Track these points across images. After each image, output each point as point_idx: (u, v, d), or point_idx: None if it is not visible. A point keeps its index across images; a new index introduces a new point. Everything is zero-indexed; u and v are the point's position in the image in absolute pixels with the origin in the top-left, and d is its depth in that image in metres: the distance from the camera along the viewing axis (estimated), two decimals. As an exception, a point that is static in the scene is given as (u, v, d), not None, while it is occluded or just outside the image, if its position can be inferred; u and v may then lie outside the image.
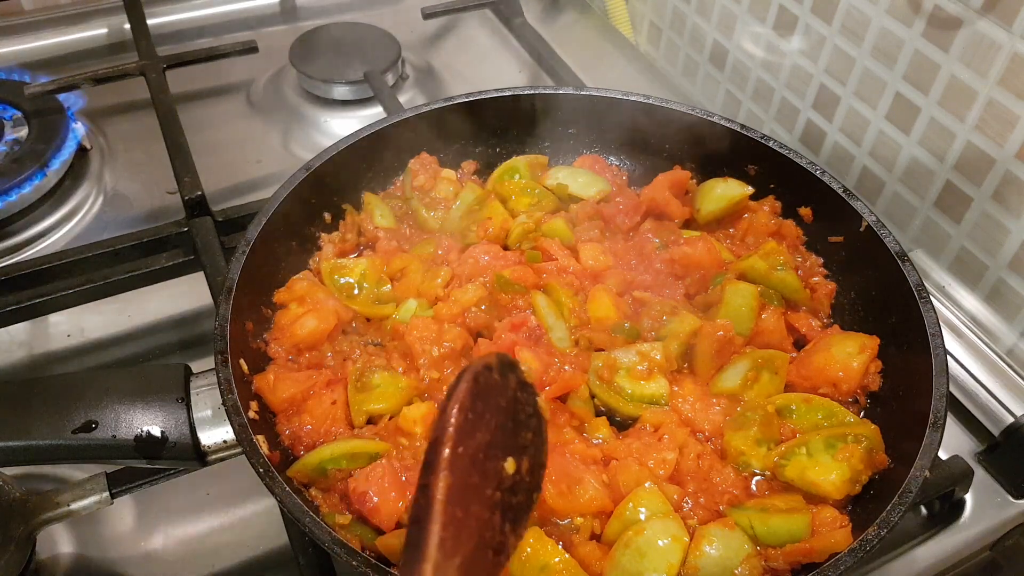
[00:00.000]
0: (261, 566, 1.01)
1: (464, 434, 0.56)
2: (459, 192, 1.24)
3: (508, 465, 0.60)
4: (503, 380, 0.62)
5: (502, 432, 0.60)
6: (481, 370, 0.60)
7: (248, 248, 1.02)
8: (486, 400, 0.59)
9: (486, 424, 0.58)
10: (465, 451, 0.55)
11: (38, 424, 0.86)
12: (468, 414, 0.57)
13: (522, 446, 0.62)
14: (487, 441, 0.58)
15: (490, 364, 0.61)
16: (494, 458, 0.58)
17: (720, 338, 1.01)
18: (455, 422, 0.55)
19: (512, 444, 0.61)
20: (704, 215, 1.20)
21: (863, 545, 0.80)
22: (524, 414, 0.64)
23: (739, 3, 1.55)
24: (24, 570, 0.94)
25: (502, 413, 0.60)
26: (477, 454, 0.57)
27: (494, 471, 0.58)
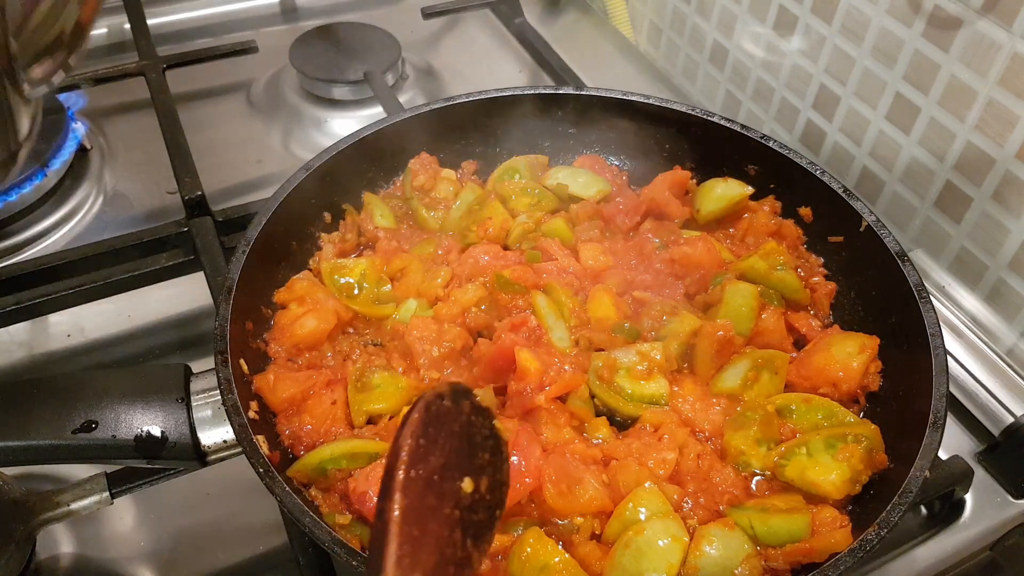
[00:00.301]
0: (261, 566, 1.01)
1: (417, 458, 0.60)
2: (459, 192, 1.24)
3: (465, 485, 0.64)
4: (456, 406, 0.66)
5: (457, 455, 0.64)
6: (433, 399, 0.64)
7: (248, 248, 1.02)
8: (439, 426, 0.63)
9: (440, 448, 0.62)
10: (419, 474, 0.59)
11: (38, 424, 0.86)
12: (420, 440, 0.61)
13: (479, 466, 0.66)
14: (442, 464, 0.62)
15: (442, 392, 0.65)
16: (450, 479, 0.62)
17: (720, 338, 1.01)
18: (407, 447, 0.60)
19: (468, 465, 0.65)
20: (704, 215, 1.20)
21: (863, 545, 0.80)
22: (480, 436, 0.68)
23: (739, 3, 1.55)
24: (24, 570, 0.94)
25: (456, 437, 0.64)
26: (432, 476, 0.60)
27: (451, 491, 0.62)
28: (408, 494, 0.58)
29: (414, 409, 0.62)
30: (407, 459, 0.59)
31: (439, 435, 0.63)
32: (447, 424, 0.64)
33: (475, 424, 0.67)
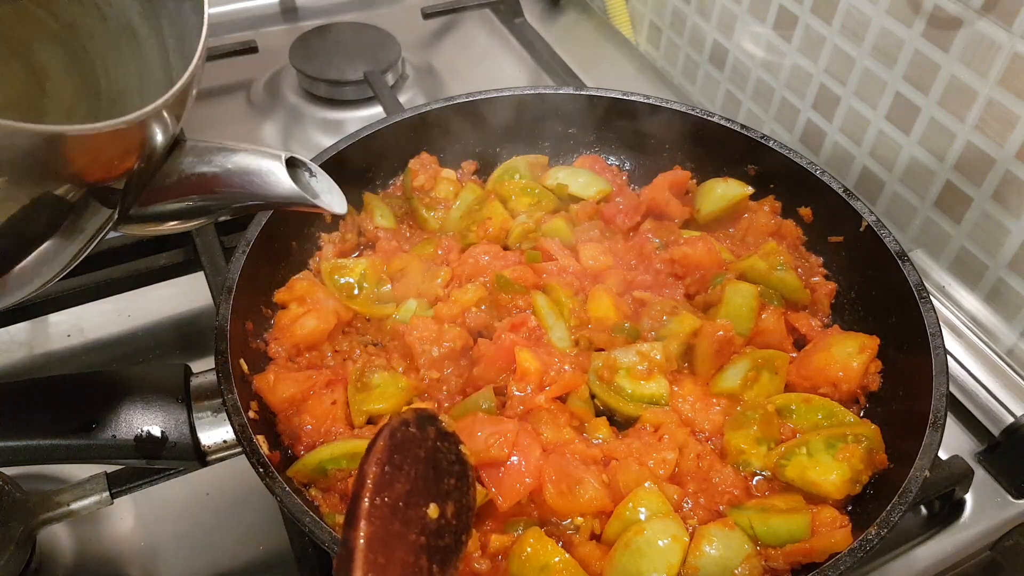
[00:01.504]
0: (261, 566, 1.01)
1: (382, 486, 0.61)
2: (459, 192, 1.24)
3: (431, 511, 0.65)
4: (421, 432, 0.67)
5: (423, 481, 0.65)
6: (398, 426, 0.65)
7: (248, 248, 1.02)
8: (404, 453, 0.64)
9: (405, 475, 0.63)
10: (384, 501, 0.60)
11: (38, 424, 0.86)
12: (385, 467, 0.62)
13: (446, 492, 0.67)
14: (407, 490, 0.63)
15: (407, 420, 0.66)
16: (416, 505, 0.63)
17: (720, 338, 1.01)
18: (372, 475, 0.60)
19: (435, 491, 0.66)
20: (704, 215, 1.20)
21: (863, 545, 0.80)
22: (446, 462, 0.69)
23: (739, 3, 1.55)
24: (24, 570, 0.94)
25: (421, 463, 0.65)
26: (397, 503, 0.61)
27: (417, 517, 0.63)
28: (373, 522, 0.59)
29: (379, 437, 0.63)
30: (372, 487, 0.60)
31: (404, 462, 0.64)
32: (412, 450, 0.65)
33: (441, 449, 0.68)
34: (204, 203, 0.73)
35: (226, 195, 0.73)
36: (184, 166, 0.71)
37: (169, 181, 0.71)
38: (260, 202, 0.74)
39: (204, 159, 0.72)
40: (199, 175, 0.71)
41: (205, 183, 0.72)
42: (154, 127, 0.62)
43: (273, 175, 0.73)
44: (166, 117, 0.63)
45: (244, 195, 0.73)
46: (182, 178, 0.71)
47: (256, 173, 0.72)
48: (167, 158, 0.69)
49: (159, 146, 0.65)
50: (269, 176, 0.73)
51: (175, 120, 0.65)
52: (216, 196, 0.73)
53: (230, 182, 0.72)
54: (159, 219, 0.74)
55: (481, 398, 0.96)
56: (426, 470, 0.66)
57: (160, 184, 0.70)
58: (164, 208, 0.73)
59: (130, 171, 0.64)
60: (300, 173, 0.76)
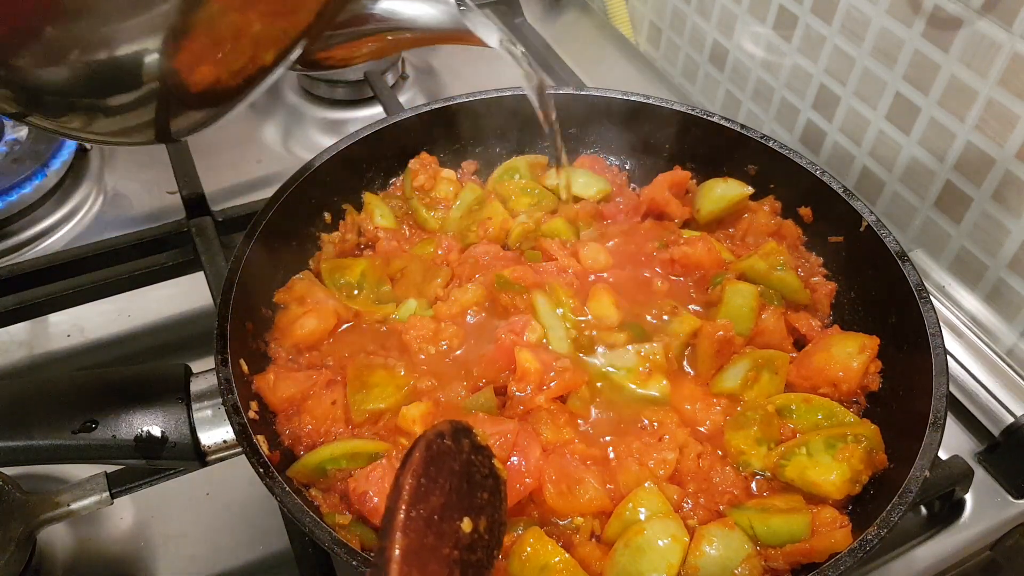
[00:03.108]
0: (261, 566, 1.01)
1: (418, 498, 0.60)
2: (459, 192, 1.24)
3: (465, 525, 0.64)
4: (456, 445, 0.66)
5: (457, 494, 0.64)
6: (434, 438, 0.64)
7: (248, 248, 1.02)
8: (439, 465, 0.64)
9: (440, 487, 0.63)
10: (419, 514, 0.60)
11: (38, 424, 0.86)
12: (421, 479, 0.61)
13: (479, 506, 0.67)
14: (442, 503, 0.62)
15: (443, 431, 0.66)
16: (450, 519, 0.63)
17: (720, 338, 1.01)
18: (408, 488, 0.60)
19: (468, 504, 0.65)
20: (704, 215, 1.20)
21: (863, 545, 0.80)
22: (480, 475, 0.68)
23: (739, 3, 1.55)
24: (24, 570, 0.94)
25: (456, 476, 0.65)
26: (432, 516, 0.61)
27: (451, 531, 0.62)
28: (408, 534, 0.58)
29: (415, 448, 0.63)
30: (408, 498, 0.60)
31: (440, 474, 0.63)
32: (448, 463, 0.65)
33: (475, 463, 0.68)
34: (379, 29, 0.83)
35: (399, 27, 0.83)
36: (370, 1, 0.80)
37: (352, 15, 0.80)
38: (425, 32, 0.85)
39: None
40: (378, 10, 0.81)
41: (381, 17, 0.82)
42: None
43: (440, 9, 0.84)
44: None
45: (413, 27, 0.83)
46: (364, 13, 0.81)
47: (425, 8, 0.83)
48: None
49: None
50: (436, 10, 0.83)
51: None
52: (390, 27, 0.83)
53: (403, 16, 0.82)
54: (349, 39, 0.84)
55: (481, 398, 0.96)
56: (460, 483, 0.65)
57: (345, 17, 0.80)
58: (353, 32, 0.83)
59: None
60: (463, 10, 0.85)
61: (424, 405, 0.95)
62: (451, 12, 0.84)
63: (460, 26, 0.85)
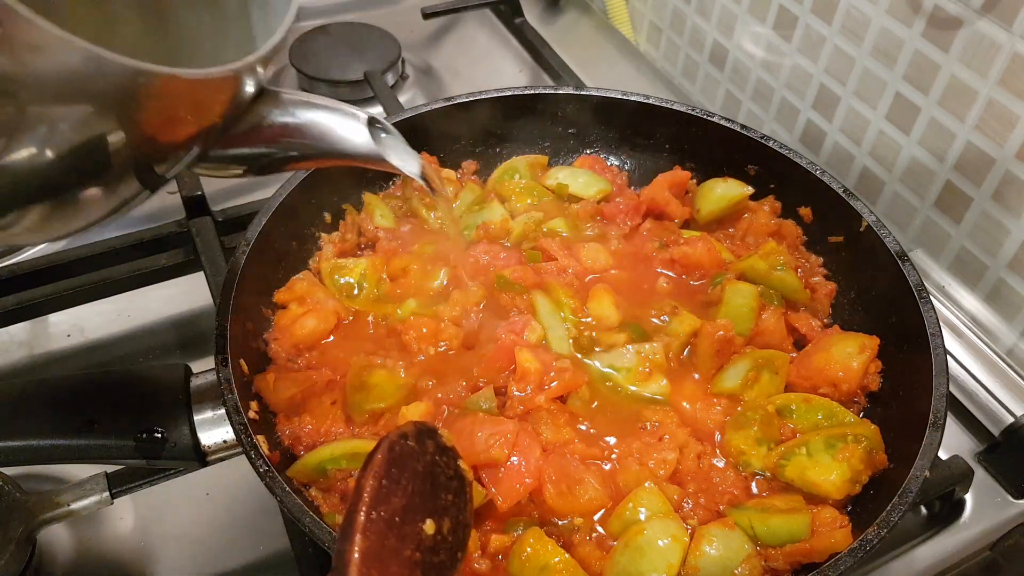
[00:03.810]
0: (261, 566, 1.01)
1: (378, 500, 0.60)
2: (459, 192, 1.24)
3: (427, 527, 0.64)
4: (420, 446, 0.66)
5: (420, 496, 0.64)
6: (396, 439, 0.64)
7: (248, 248, 1.02)
8: (401, 467, 0.63)
9: (402, 489, 0.62)
10: (380, 516, 0.59)
11: (38, 424, 0.86)
12: (383, 481, 0.61)
13: (442, 507, 0.66)
14: (403, 505, 0.62)
15: (406, 432, 0.65)
16: (412, 521, 0.62)
17: (720, 338, 1.01)
18: (369, 489, 0.60)
19: (431, 506, 0.65)
20: (704, 215, 1.20)
21: (863, 545, 0.80)
22: (444, 476, 0.68)
23: (739, 3, 1.55)
24: (24, 570, 0.94)
25: (419, 478, 0.65)
26: (393, 517, 0.60)
27: (413, 533, 0.62)
28: (368, 536, 0.58)
29: (377, 450, 0.62)
30: (368, 501, 0.59)
31: (402, 476, 0.63)
32: (411, 464, 0.64)
33: (439, 464, 0.68)
34: (280, 152, 0.75)
35: (303, 146, 0.75)
36: (267, 114, 0.72)
37: (250, 127, 0.72)
38: (336, 156, 0.76)
39: (288, 110, 0.73)
40: (281, 125, 0.73)
41: (286, 132, 0.74)
42: (249, 76, 0.64)
43: (353, 132, 0.75)
44: (260, 67, 0.65)
45: (321, 149, 0.75)
46: (264, 125, 0.73)
47: (336, 129, 0.74)
48: (251, 105, 0.71)
49: (250, 94, 0.66)
50: (348, 133, 0.75)
51: (264, 69, 0.67)
52: (294, 146, 0.75)
53: (310, 134, 0.74)
54: (235, 162, 0.75)
55: (481, 398, 0.96)
56: (423, 485, 0.65)
57: (242, 129, 0.72)
58: (242, 152, 0.74)
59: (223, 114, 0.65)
60: (377, 133, 0.78)
61: (424, 405, 0.95)
62: (363, 135, 0.76)
63: (373, 152, 0.77)
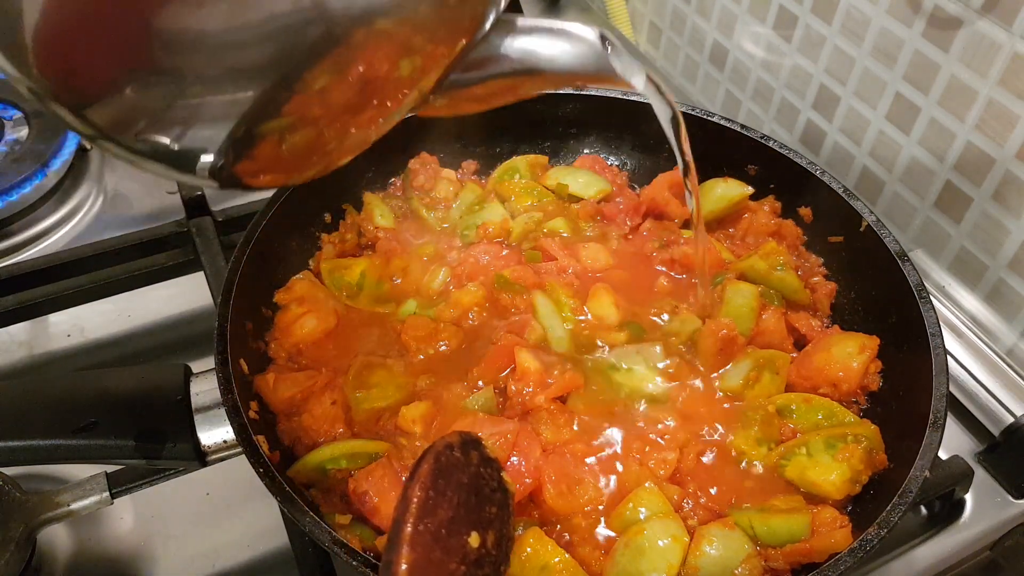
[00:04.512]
0: (261, 566, 1.01)
1: (425, 511, 0.59)
2: (459, 192, 1.24)
3: (472, 539, 0.63)
4: (465, 458, 0.65)
5: (465, 508, 0.63)
6: (443, 449, 0.63)
7: (248, 248, 1.02)
8: (448, 478, 0.62)
9: (448, 501, 0.61)
10: (427, 528, 0.59)
11: (38, 424, 0.86)
12: (430, 492, 0.60)
13: (487, 520, 0.65)
14: (449, 517, 0.61)
15: (452, 443, 0.65)
16: (457, 533, 0.61)
17: (724, 336, 1.01)
18: (416, 501, 0.59)
19: (476, 519, 0.64)
20: (704, 215, 1.20)
21: (863, 545, 0.80)
22: (488, 489, 0.67)
23: (739, 3, 1.55)
24: (24, 570, 0.94)
25: (464, 489, 0.64)
26: (439, 530, 0.60)
27: (458, 545, 0.61)
28: (416, 548, 0.57)
29: (423, 459, 0.62)
30: (416, 512, 0.58)
31: (448, 487, 0.62)
32: (456, 476, 0.63)
33: (483, 476, 0.67)
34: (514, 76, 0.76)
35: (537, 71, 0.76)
36: (503, 41, 0.73)
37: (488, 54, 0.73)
38: (569, 77, 0.77)
39: (522, 36, 0.74)
40: (518, 51, 0.73)
41: (523, 59, 0.74)
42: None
43: (586, 53, 0.75)
44: None
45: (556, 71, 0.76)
46: (500, 54, 0.73)
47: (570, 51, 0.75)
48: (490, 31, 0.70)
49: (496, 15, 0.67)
50: (582, 54, 0.75)
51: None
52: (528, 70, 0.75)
53: (545, 59, 0.75)
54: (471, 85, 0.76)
55: (481, 398, 0.96)
56: (468, 497, 0.64)
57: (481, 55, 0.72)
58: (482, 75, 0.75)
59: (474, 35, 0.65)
60: (607, 48, 0.78)
61: (424, 405, 0.95)
62: (596, 52, 0.75)
63: (605, 68, 0.76)
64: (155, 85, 0.54)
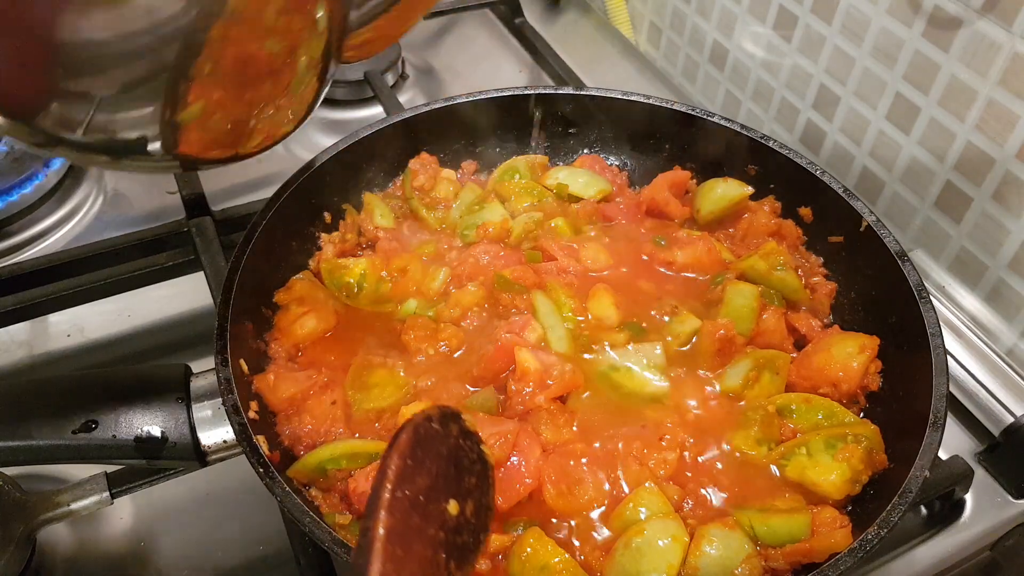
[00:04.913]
0: (261, 566, 1.01)
1: (403, 479, 0.60)
2: (459, 192, 1.24)
3: (451, 507, 0.64)
4: (444, 429, 0.67)
5: (444, 477, 0.65)
6: (422, 421, 0.65)
7: (248, 248, 1.02)
8: (426, 448, 0.64)
9: (427, 470, 0.63)
10: (405, 495, 0.60)
11: (38, 424, 0.86)
12: (408, 461, 0.61)
13: (466, 490, 0.67)
14: (428, 485, 0.63)
15: (431, 415, 0.66)
16: (436, 501, 0.63)
17: (722, 337, 1.01)
18: (394, 468, 0.60)
19: (455, 488, 0.66)
20: (704, 215, 1.20)
21: (863, 545, 0.80)
22: (468, 460, 0.69)
23: (739, 3, 1.55)
24: (24, 570, 0.94)
25: (443, 460, 0.65)
26: (418, 497, 0.61)
27: (436, 513, 0.63)
28: (393, 513, 0.58)
29: (402, 431, 0.63)
30: (393, 479, 0.60)
31: (426, 457, 0.63)
32: (435, 446, 0.65)
33: (463, 448, 0.68)
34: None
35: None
36: None
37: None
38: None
39: None
40: None
41: None
42: None
43: None
44: None
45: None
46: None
47: None
48: None
49: None
50: None
51: None
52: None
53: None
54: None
55: (481, 398, 0.96)
56: (447, 467, 0.66)
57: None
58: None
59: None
60: None
61: (424, 405, 0.95)
62: None
63: None
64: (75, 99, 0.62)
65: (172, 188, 1.38)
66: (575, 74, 1.62)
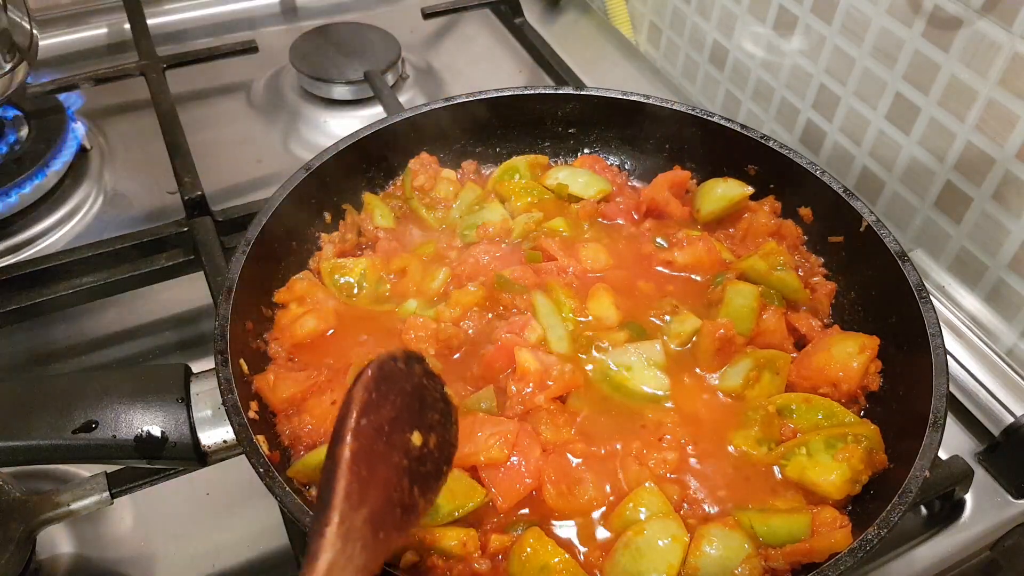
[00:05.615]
0: (261, 566, 1.01)
1: (368, 409, 0.64)
2: (459, 192, 1.24)
3: (415, 438, 0.68)
4: (408, 368, 0.70)
5: (408, 410, 0.68)
6: (386, 359, 0.68)
7: (248, 248, 1.02)
8: (390, 383, 0.67)
9: (391, 402, 0.66)
10: (370, 423, 0.63)
11: (38, 424, 0.85)
12: (372, 393, 0.65)
13: (429, 424, 0.71)
14: (392, 416, 0.66)
15: (395, 355, 0.69)
16: (400, 431, 0.67)
17: (721, 336, 1.01)
18: (360, 399, 0.63)
19: (418, 421, 0.70)
20: (704, 215, 1.20)
21: (863, 545, 0.80)
22: (431, 398, 0.72)
23: (739, 3, 1.55)
24: (24, 570, 0.94)
25: (407, 395, 0.69)
26: (382, 426, 0.65)
27: (400, 442, 0.67)
28: (359, 438, 0.62)
29: (367, 367, 0.66)
30: (359, 408, 0.63)
31: (390, 391, 0.67)
32: (399, 383, 0.68)
33: (426, 387, 0.72)
34: None
35: None
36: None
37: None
38: None
39: None
40: None
41: None
42: None
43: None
44: None
45: None
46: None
47: None
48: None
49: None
50: None
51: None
52: None
53: None
54: None
55: (481, 398, 0.96)
56: (411, 401, 0.69)
57: None
58: None
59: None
60: None
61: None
62: None
63: None
64: None
65: (172, 188, 1.38)
66: (575, 74, 1.62)
